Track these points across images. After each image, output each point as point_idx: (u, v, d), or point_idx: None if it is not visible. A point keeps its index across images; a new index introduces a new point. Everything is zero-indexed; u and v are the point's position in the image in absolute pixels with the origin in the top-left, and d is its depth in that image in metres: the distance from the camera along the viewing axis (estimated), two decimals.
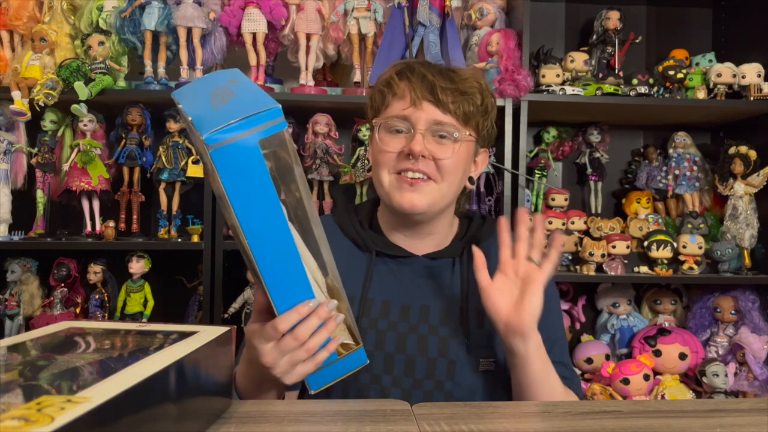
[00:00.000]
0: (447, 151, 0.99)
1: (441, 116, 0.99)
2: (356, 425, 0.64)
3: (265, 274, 0.72)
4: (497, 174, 1.96)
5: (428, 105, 0.99)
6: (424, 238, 1.08)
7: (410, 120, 0.99)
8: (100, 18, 1.90)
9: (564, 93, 1.93)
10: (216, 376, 0.64)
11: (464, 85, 1.00)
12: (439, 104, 0.99)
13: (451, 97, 0.99)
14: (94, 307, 1.96)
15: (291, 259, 0.72)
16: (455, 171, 1.01)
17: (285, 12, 1.91)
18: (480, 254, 0.94)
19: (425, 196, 0.99)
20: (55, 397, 0.41)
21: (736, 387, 1.96)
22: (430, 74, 1.00)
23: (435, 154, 0.98)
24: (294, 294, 0.75)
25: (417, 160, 0.98)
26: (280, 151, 0.70)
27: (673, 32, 2.33)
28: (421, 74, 1.00)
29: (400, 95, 1.01)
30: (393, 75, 1.03)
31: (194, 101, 0.73)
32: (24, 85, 1.80)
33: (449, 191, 1.02)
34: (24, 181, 1.95)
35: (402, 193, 0.99)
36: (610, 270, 1.99)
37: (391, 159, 1.00)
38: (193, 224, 1.92)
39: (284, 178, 0.72)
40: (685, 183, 2.11)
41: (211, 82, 0.77)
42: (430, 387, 0.99)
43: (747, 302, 2.02)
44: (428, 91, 0.99)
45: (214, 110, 0.68)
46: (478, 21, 1.99)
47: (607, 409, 0.72)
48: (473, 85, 1.02)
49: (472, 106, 1.01)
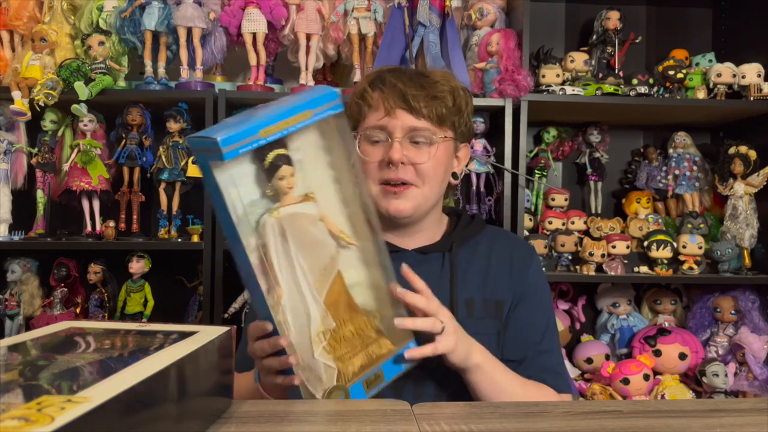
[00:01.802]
0: (424, 155, 1.03)
1: (415, 122, 1.03)
2: (356, 425, 0.64)
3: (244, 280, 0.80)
4: (497, 174, 1.96)
5: (402, 113, 1.03)
6: (413, 235, 1.11)
7: (387, 129, 1.03)
8: (100, 18, 1.90)
9: (564, 93, 1.93)
10: (216, 376, 0.64)
11: (435, 90, 1.04)
12: (413, 111, 1.02)
13: (423, 103, 1.03)
14: (94, 307, 1.96)
15: (251, 281, 0.78)
16: (435, 173, 1.05)
17: (285, 12, 1.91)
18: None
19: (409, 201, 1.04)
20: (55, 397, 0.41)
21: (736, 387, 1.96)
22: (400, 83, 1.03)
23: (413, 160, 1.02)
24: (262, 307, 0.80)
25: (397, 167, 1.02)
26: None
27: (673, 32, 2.33)
28: (392, 84, 1.04)
29: (375, 106, 1.05)
30: (366, 87, 1.07)
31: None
32: (24, 85, 1.80)
33: (431, 193, 1.06)
34: (24, 181, 1.95)
35: (388, 201, 1.04)
36: (610, 270, 1.99)
37: (374, 169, 1.04)
38: (193, 224, 1.92)
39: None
40: (685, 183, 2.11)
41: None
42: (421, 375, 1.01)
43: (747, 302, 2.02)
44: (401, 99, 1.02)
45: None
46: (478, 21, 1.99)
47: (607, 409, 0.72)
48: (444, 88, 1.05)
49: (445, 108, 1.04)
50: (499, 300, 1.08)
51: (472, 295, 1.07)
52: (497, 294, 1.08)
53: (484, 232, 1.15)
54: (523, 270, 1.10)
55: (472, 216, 1.18)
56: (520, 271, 1.10)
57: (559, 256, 2.03)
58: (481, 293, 1.08)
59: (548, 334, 1.09)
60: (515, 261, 1.11)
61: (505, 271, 1.09)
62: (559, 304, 2.18)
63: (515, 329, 1.07)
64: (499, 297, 1.08)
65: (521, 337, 1.07)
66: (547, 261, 2.03)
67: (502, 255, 1.11)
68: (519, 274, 1.10)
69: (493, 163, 1.95)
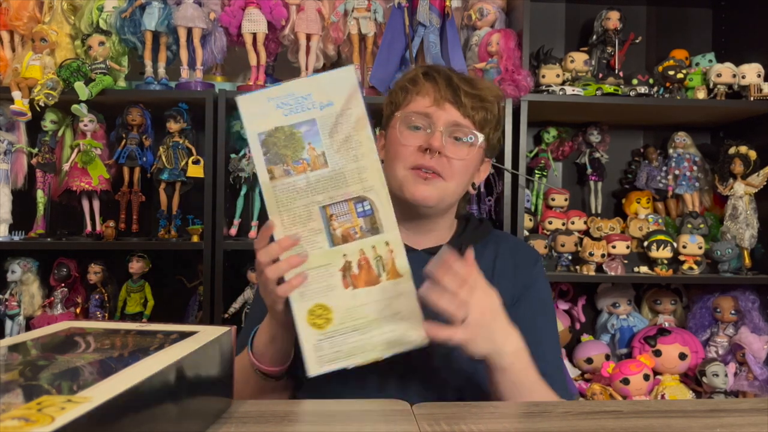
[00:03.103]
0: (462, 152, 1.03)
1: (461, 119, 1.03)
2: (356, 425, 0.64)
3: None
4: (497, 174, 1.96)
5: (450, 106, 1.03)
6: (425, 234, 1.10)
7: (431, 117, 1.03)
8: (100, 18, 1.90)
9: (564, 93, 1.93)
10: (216, 376, 0.64)
11: (484, 93, 1.05)
12: (461, 107, 1.03)
13: (471, 102, 1.03)
14: (94, 307, 1.96)
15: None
16: (465, 172, 1.05)
17: (285, 12, 1.91)
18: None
19: (437, 191, 1.03)
20: (55, 397, 0.41)
21: (736, 387, 1.96)
22: (455, 78, 1.05)
23: (451, 153, 1.02)
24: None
25: (434, 155, 1.01)
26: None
27: (673, 32, 2.33)
28: (447, 76, 1.05)
29: (424, 93, 1.05)
30: (419, 74, 1.07)
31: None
32: (24, 85, 1.80)
33: (456, 190, 1.06)
34: (24, 181, 1.95)
35: (416, 186, 1.02)
36: (610, 270, 1.99)
37: (409, 153, 1.03)
38: (193, 224, 1.92)
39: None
40: (685, 183, 2.11)
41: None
42: (427, 375, 1.00)
43: (747, 302, 2.02)
44: (452, 92, 1.03)
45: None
46: (478, 21, 1.99)
47: (607, 409, 0.72)
48: (492, 94, 1.06)
49: (489, 114, 1.06)
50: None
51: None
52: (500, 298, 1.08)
53: (491, 236, 1.15)
54: (524, 274, 1.10)
55: (480, 220, 1.19)
56: (521, 275, 1.10)
57: (559, 256, 2.03)
58: None
59: (546, 339, 1.07)
60: (519, 265, 1.11)
61: (508, 275, 1.09)
62: (559, 304, 2.18)
63: None
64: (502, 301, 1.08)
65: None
66: (547, 261, 2.03)
67: (507, 259, 1.11)
68: (520, 278, 1.09)
69: (493, 163, 1.95)
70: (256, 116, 0.83)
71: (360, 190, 0.84)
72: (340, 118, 0.84)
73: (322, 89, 0.84)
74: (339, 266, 0.84)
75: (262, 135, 0.83)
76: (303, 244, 0.84)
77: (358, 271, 0.85)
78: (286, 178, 0.83)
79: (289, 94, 0.83)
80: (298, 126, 0.83)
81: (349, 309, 0.85)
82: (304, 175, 0.83)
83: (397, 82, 1.11)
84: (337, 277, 0.84)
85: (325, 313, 0.85)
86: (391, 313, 0.85)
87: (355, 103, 0.84)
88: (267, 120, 0.83)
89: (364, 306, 0.85)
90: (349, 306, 0.85)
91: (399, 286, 0.86)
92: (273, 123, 0.83)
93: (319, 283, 0.84)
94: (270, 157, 0.83)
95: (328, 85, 0.84)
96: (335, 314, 0.85)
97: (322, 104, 0.83)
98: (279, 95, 0.83)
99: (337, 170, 0.84)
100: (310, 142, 0.83)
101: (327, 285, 0.84)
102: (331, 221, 0.84)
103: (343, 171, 0.84)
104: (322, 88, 0.84)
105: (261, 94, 0.84)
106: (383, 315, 0.85)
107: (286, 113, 0.83)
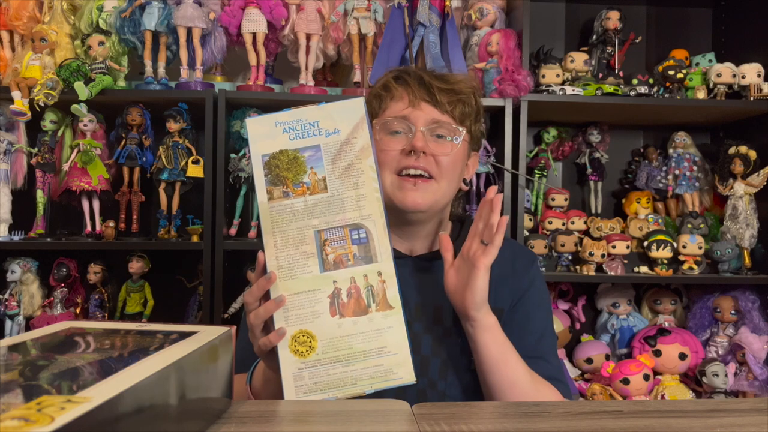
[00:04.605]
0: (446, 148, 1.02)
1: (439, 116, 1.02)
2: (356, 425, 0.64)
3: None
4: (497, 174, 1.96)
5: (426, 105, 1.02)
6: (418, 239, 1.09)
7: (409, 119, 1.02)
8: (100, 18, 1.90)
9: (564, 93, 1.93)
10: (216, 376, 0.64)
11: (459, 87, 1.04)
12: (437, 104, 1.02)
13: (447, 98, 1.02)
14: (94, 307, 1.96)
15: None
16: (454, 169, 1.04)
17: (285, 12, 1.91)
18: (447, 238, 0.98)
19: (427, 195, 1.01)
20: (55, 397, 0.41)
21: (736, 387, 1.97)
22: (426, 76, 1.04)
23: (435, 151, 1.01)
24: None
25: (418, 156, 1.00)
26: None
27: (673, 32, 2.33)
28: (418, 76, 1.04)
29: (398, 97, 1.04)
30: (390, 79, 1.07)
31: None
32: (24, 85, 1.80)
33: (448, 189, 1.04)
34: (24, 181, 1.95)
35: (405, 192, 1.01)
36: (610, 270, 1.99)
37: (393, 158, 1.02)
38: (193, 224, 1.92)
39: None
40: (685, 183, 2.11)
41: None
42: (423, 385, 1.00)
43: (747, 302, 2.02)
44: (426, 91, 1.02)
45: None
46: (478, 21, 1.99)
47: (607, 409, 0.72)
48: (468, 87, 1.05)
49: (467, 106, 1.05)
50: (498, 309, 1.07)
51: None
52: (498, 303, 1.06)
53: None
54: (522, 276, 1.09)
55: None
56: (519, 278, 1.08)
57: (559, 256, 2.03)
58: None
59: (543, 341, 1.06)
60: (516, 269, 1.09)
61: (506, 279, 1.07)
62: (559, 304, 2.18)
63: (508, 335, 1.06)
64: (499, 305, 1.06)
65: (513, 343, 1.04)
66: (547, 261, 2.03)
67: (504, 263, 1.08)
68: (518, 281, 1.08)
69: (493, 163, 1.95)
70: (263, 138, 0.85)
71: (357, 218, 0.84)
72: (344, 146, 0.85)
73: (330, 117, 0.85)
74: (328, 292, 0.83)
75: (266, 156, 0.84)
76: (293, 267, 0.83)
77: (347, 300, 0.83)
78: (283, 200, 0.84)
79: (298, 120, 0.85)
80: (303, 150, 0.84)
81: (334, 339, 0.83)
82: (303, 198, 0.84)
83: (371, 91, 1.09)
84: (325, 304, 0.83)
85: (309, 340, 0.83)
86: (378, 347, 0.83)
87: (361, 133, 0.85)
88: (273, 143, 0.84)
89: (350, 336, 0.83)
90: (334, 335, 0.83)
91: (389, 318, 0.84)
92: (278, 146, 0.84)
93: (306, 309, 0.83)
94: (270, 179, 0.84)
95: (336, 113, 0.85)
96: (319, 343, 0.83)
97: (328, 132, 0.85)
98: (287, 120, 0.84)
99: (336, 196, 0.84)
100: (313, 166, 0.84)
101: (313, 311, 0.83)
102: (325, 246, 0.83)
103: (342, 197, 0.84)
104: (330, 116, 0.85)
105: (270, 117, 0.85)
106: (369, 348, 0.83)
107: (292, 138, 0.84)
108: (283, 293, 0.83)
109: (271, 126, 0.85)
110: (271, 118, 0.85)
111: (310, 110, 0.86)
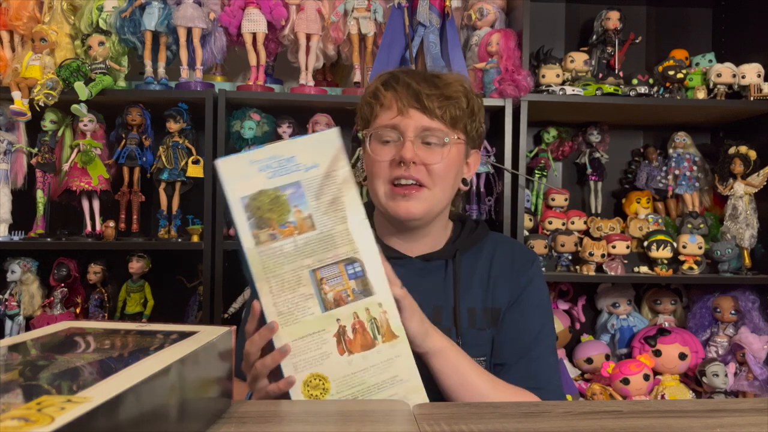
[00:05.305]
0: (437, 156, 1.01)
1: (428, 122, 1.01)
2: (356, 425, 0.64)
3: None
4: (497, 174, 1.96)
5: (415, 112, 1.01)
6: (419, 240, 1.09)
7: (399, 128, 1.01)
8: (100, 18, 1.90)
9: (564, 93, 1.93)
10: (216, 376, 0.64)
11: (449, 90, 1.03)
12: (426, 111, 1.01)
13: (437, 103, 1.01)
14: (94, 307, 1.96)
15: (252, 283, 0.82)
16: (446, 175, 1.03)
17: (285, 12, 1.91)
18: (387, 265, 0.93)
19: (420, 203, 1.01)
20: (55, 397, 0.41)
21: (736, 387, 1.96)
22: (414, 82, 1.02)
23: (425, 160, 1.00)
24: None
25: (408, 167, 1.00)
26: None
27: (673, 32, 2.33)
28: (406, 83, 1.03)
29: (387, 105, 1.03)
30: (378, 86, 1.05)
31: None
32: (24, 85, 1.80)
33: (443, 196, 1.04)
34: (24, 181, 1.95)
35: (397, 202, 1.01)
36: (610, 270, 1.99)
37: (384, 168, 1.02)
38: (193, 224, 1.92)
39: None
40: (685, 183, 2.11)
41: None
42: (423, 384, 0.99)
43: (747, 302, 2.02)
44: (414, 98, 1.01)
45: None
46: (478, 21, 1.99)
47: (607, 409, 0.72)
48: (458, 89, 1.04)
49: (459, 109, 1.03)
50: (497, 308, 1.07)
51: (474, 305, 1.06)
52: (497, 302, 1.07)
53: (488, 239, 1.13)
54: (521, 276, 1.09)
55: (476, 222, 1.16)
56: (518, 277, 1.08)
57: (559, 256, 2.03)
58: (483, 302, 1.06)
59: (541, 341, 1.06)
60: (515, 268, 1.09)
61: (505, 279, 1.08)
62: (559, 304, 2.18)
63: (504, 333, 1.06)
64: (498, 305, 1.07)
65: (508, 342, 1.05)
66: (547, 261, 2.03)
67: (504, 262, 1.10)
68: (517, 280, 1.08)
69: (493, 163, 1.95)
70: (238, 179, 0.81)
71: (350, 252, 0.82)
72: (325, 180, 0.82)
73: (305, 152, 0.82)
74: (333, 332, 0.81)
75: (245, 199, 0.81)
76: (293, 311, 0.81)
77: (353, 336, 0.82)
78: (272, 243, 0.80)
79: (272, 157, 0.81)
80: (283, 189, 0.81)
81: (347, 376, 0.82)
82: (292, 239, 0.81)
83: (362, 98, 1.09)
84: (332, 344, 0.81)
85: (322, 383, 0.81)
86: (389, 377, 0.83)
87: (340, 165, 0.83)
88: (250, 183, 0.81)
89: (362, 372, 0.82)
90: (346, 373, 0.82)
91: (395, 348, 0.83)
92: (256, 186, 0.81)
93: (314, 352, 0.81)
94: (255, 222, 0.80)
95: (311, 147, 0.82)
96: (332, 383, 0.81)
97: (306, 166, 0.82)
98: (262, 158, 0.81)
99: (326, 232, 0.81)
100: (296, 204, 0.81)
101: (322, 353, 0.81)
102: (322, 285, 0.81)
103: (332, 233, 0.82)
104: (305, 150, 0.82)
105: (243, 157, 0.82)
106: (382, 379, 0.82)
107: (270, 176, 0.81)
108: (287, 340, 0.81)
109: (245, 165, 0.81)
110: (244, 158, 0.81)
111: (284, 145, 0.83)
